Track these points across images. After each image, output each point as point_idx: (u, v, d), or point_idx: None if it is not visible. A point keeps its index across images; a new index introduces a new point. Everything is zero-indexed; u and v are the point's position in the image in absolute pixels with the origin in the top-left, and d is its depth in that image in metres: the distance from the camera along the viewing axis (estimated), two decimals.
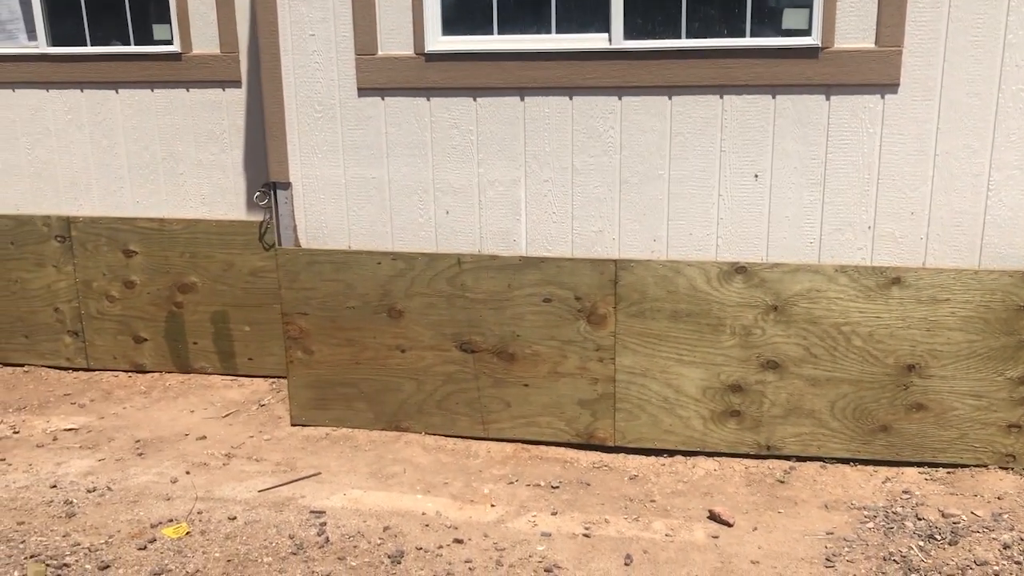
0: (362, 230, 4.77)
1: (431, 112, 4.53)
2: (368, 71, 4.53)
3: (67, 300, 5.96)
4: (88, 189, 5.76)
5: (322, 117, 4.65)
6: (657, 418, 4.63)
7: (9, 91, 5.70)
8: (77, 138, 5.69)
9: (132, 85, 5.53)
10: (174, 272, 5.77)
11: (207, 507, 4.10)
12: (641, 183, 4.41)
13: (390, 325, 4.83)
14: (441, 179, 4.61)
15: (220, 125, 5.49)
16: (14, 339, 6.11)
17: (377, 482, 4.40)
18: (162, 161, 5.63)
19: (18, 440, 4.97)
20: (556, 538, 3.87)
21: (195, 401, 5.52)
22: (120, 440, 4.92)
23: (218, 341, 5.83)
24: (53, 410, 5.41)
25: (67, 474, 4.48)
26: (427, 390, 4.87)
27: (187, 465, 4.58)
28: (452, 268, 4.68)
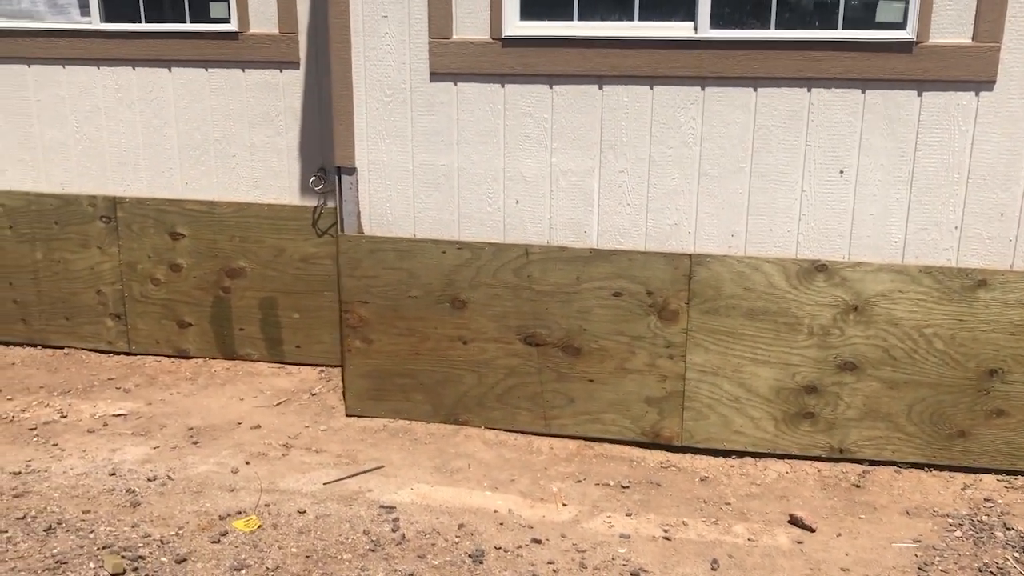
0: (428, 218, 4.65)
1: (505, 99, 4.41)
2: (442, 55, 4.40)
3: (110, 282, 5.83)
4: (136, 169, 5.63)
5: (392, 102, 4.53)
6: (727, 418, 4.52)
7: (59, 67, 5.57)
8: (127, 117, 5.56)
9: (185, 64, 5.40)
10: (222, 256, 5.65)
11: (273, 500, 4.00)
12: (721, 176, 4.29)
13: (453, 316, 4.71)
14: (512, 168, 4.49)
15: (276, 107, 5.36)
16: (55, 321, 5.99)
17: (442, 477, 4.29)
18: (214, 143, 5.50)
19: (67, 424, 4.86)
20: (636, 540, 3.77)
21: (243, 389, 5.41)
22: (172, 427, 4.81)
23: (265, 328, 5.71)
24: (98, 395, 5.30)
25: (124, 461, 4.37)
26: (488, 383, 4.76)
27: (245, 455, 4.47)
28: (519, 259, 4.57)
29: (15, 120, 5.70)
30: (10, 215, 5.85)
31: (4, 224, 5.87)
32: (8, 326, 6.06)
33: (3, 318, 6.05)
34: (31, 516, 3.74)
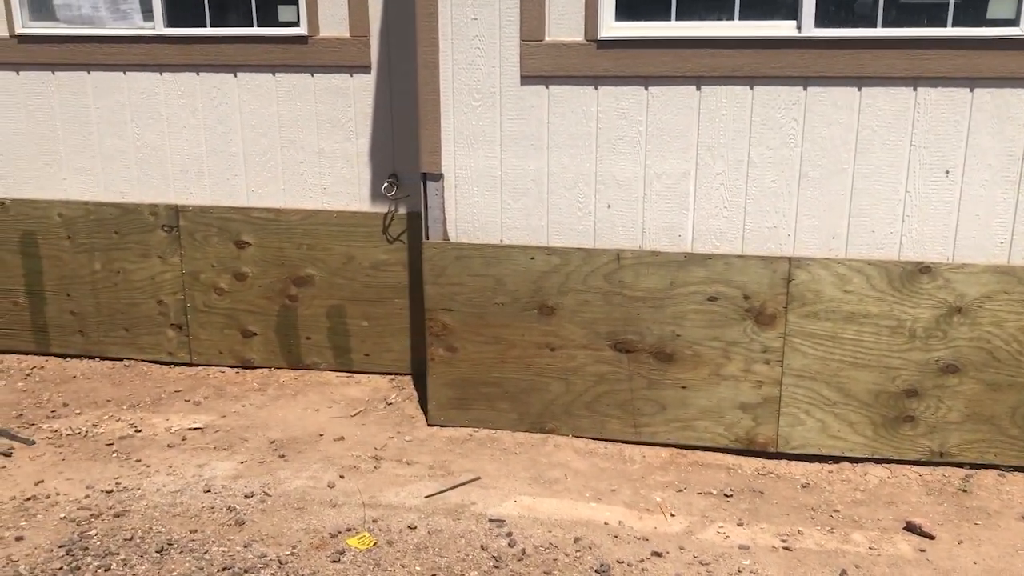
0: (516, 224, 4.56)
1: (598, 101, 4.32)
2: (533, 58, 4.31)
3: (172, 292, 5.73)
4: (199, 177, 5.53)
5: (480, 106, 4.44)
6: (824, 423, 4.45)
7: (119, 74, 5.46)
8: (190, 123, 5.45)
9: (252, 69, 5.30)
10: (289, 264, 5.54)
11: (379, 515, 3.90)
12: (822, 178, 4.22)
13: (540, 323, 4.63)
14: (605, 171, 4.41)
15: (346, 112, 5.26)
16: (113, 332, 5.88)
17: (541, 488, 4.21)
18: (281, 149, 5.40)
19: (144, 439, 4.75)
20: (755, 551, 3.69)
21: (315, 399, 5.31)
22: (254, 441, 4.71)
23: (333, 336, 5.61)
24: (169, 408, 5.19)
25: (215, 477, 4.27)
26: (576, 391, 4.68)
27: (337, 468, 4.37)
28: (611, 264, 4.48)
29: (74, 128, 5.58)
30: (68, 225, 5.73)
31: (62, 234, 5.76)
32: (65, 338, 5.95)
33: (60, 330, 5.94)
34: (139, 537, 3.64)
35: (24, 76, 5.55)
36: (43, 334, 5.97)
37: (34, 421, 5.02)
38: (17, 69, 5.55)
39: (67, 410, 5.16)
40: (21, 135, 5.65)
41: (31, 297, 5.90)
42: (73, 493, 4.10)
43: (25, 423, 4.99)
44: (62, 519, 3.82)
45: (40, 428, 4.92)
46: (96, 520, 3.80)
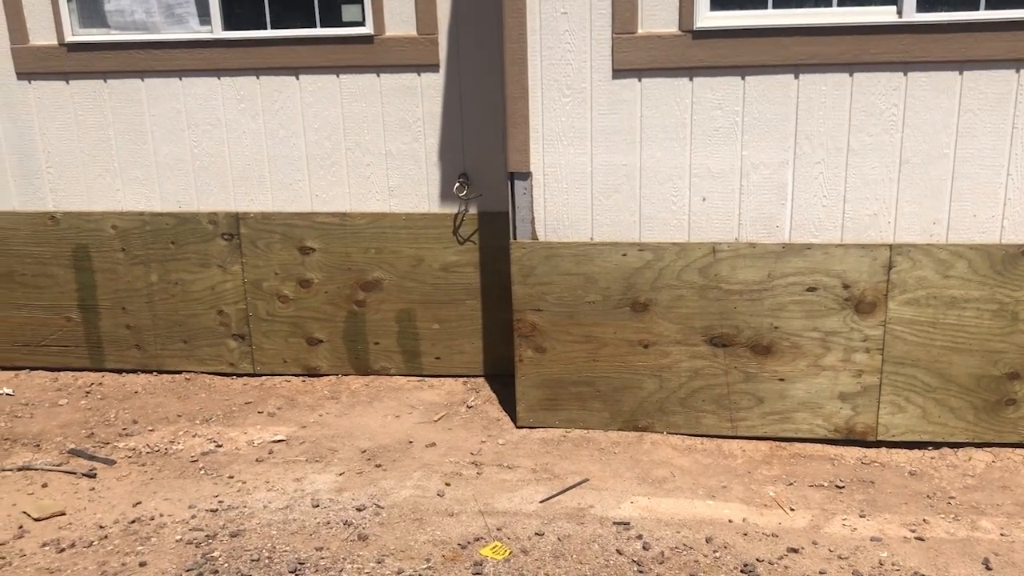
0: (606, 220, 4.49)
1: (693, 93, 4.26)
2: (626, 51, 4.24)
3: (233, 302, 5.60)
4: (260, 183, 5.40)
5: (571, 101, 4.35)
6: (925, 410, 4.43)
7: (176, 80, 5.31)
8: (250, 128, 5.32)
9: (315, 71, 5.18)
10: (356, 269, 5.43)
11: (500, 522, 3.82)
12: (923, 163, 4.18)
13: (633, 319, 4.56)
14: (699, 164, 4.35)
15: (413, 113, 5.16)
16: (171, 344, 5.74)
17: (652, 487, 4.15)
18: (346, 152, 5.28)
19: (228, 454, 4.64)
20: (889, 543, 3.66)
21: (392, 405, 5.21)
22: (344, 451, 4.61)
23: (402, 340, 5.52)
24: (243, 420, 5.07)
25: (317, 491, 4.17)
26: (670, 387, 4.62)
27: (440, 476, 4.28)
28: (706, 258, 4.43)
29: (128, 137, 5.43)
30: (123, 237, 5.58)
31: (116, 247, 5.61)
32: (121, 352, 5.80)
33: (116, 344, 5.79)
34: (266, 557, 3.53)
35: (75, 85, 5.39)
36: (98, 349, 5.82)
37: (108, 440, 4.88)
38: (67, 78, 5.38)
39: (138, 427, 5.03)
40: (72, 146, 5.49)
41: (84, 312, 5.75)
42: (177, 514, 3.99)
43: (99, 442, 4.85)
44: (178, 541, 3.71)
45: (116, 447, 4.79)
46: (214, 541, 3.69)
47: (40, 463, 4.62)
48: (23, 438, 4.93)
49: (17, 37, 5.33)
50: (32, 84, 5.42)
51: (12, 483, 4.41)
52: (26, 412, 5.27)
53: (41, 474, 4.50)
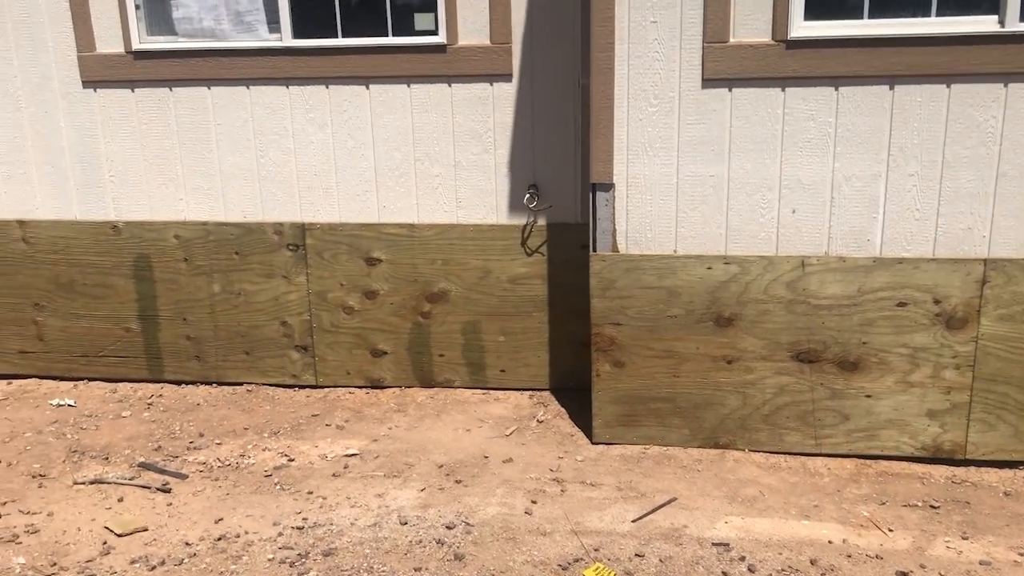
0: (691, 233, 4.41)
1: (785, 103, 4.18)
2: (717, 60, 4.16)
3: (297, 313, 5.53)
4: (327, 193, 5.33)
5: (657, 111, 4.28)
6: (1017, 428, 4.33)
7: (243, 88, 5.25)
8: (318, 139, 5.26)
9: (386, 80, 5.11)
10: (422, 281, 5.36)
11: (595, 542, 3.74)
12: (1021, 176, 4.09)
13: (716, 334, 4.48)
14: (790, 175, 4.26)
15: (484, 123, 5.09)
16: (232, 356, 5.68)
17: (743, 507, 4.06)
18: (415, 162, 5.22)
19: (302, 469, 4.56)
20: (1000, 567, 3.56)
21: (460, 419, 5.13)
22: (420, 466, 4.53)
23: (467, 353, 5.44)
24: (311, 433, 5.00)
25: (402, 508, 4.09)
26: (753, 404, 4.53)
27: (523, 493, 4.20)
28: (794, 271, 4.34)
29: (192, 146, 5.38)
30: (185, 247, 5.52)
31: (178, 256, 5.55)
32: (181, 364, 5.74)
33: (175, 356, 5.72)
34: None
35: (140, 93, 5.34)
36: (157, 360, 5.76)
37: (176, 453, 4.81)
38: (132, 86, 5.33)
39: (205, 440, 4.96)
40: (135, 155, 5.44)
41: (144, 323, 5.69)
42: (263, 531, 3.91)
43: (168, 456, 4.78)
44: (271, 560, 3.63)
45: (186, 460, 4.72)
46: (307, 560, 3.61)
47: (112, 476, 4.56)
48: (91, 450, 4.87)
49: (84, 45, 5.29)
50: (97, 92, 5.37)
51: (88, 497, 4.35)
52: (91, 424, 5.20)
53: (115, 488, 4.43)
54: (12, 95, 5.44)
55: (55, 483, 4.51)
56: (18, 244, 5.66)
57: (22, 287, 5.73)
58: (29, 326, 5.80)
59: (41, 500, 4.33)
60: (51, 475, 4.60)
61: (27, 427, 5.18)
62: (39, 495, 4.38)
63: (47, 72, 5.37)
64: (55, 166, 5.51)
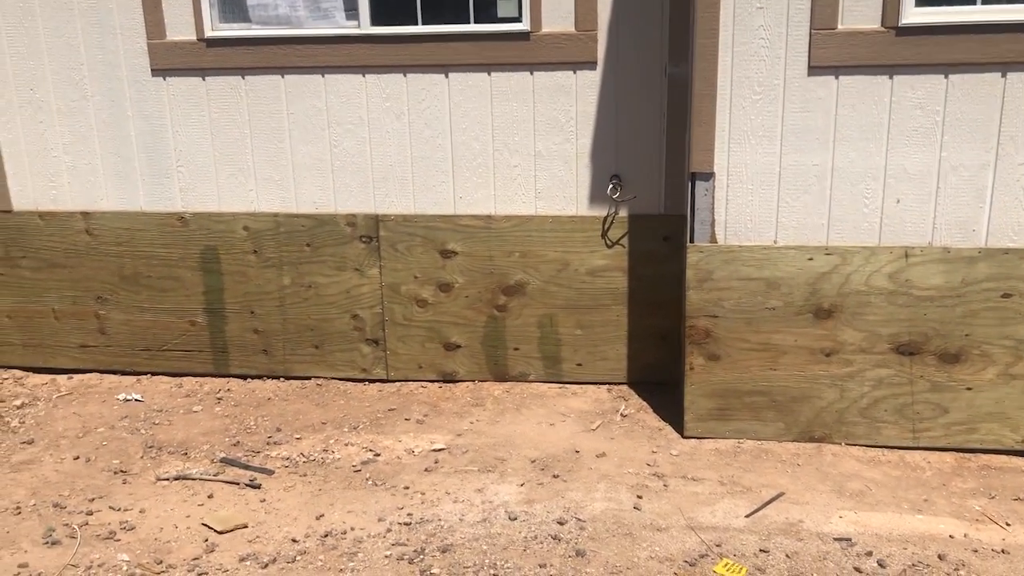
0: (792, 223, 4.34)
1: (892, 91, 4.11)
2: (824, 47, 4.09)
3: (369, 306, 5.44)
4: (402, 184, 5.24)
5: (761, 99, 4.20)
6: None
7: (318, 76, 5.15)
8: (394, 128, 5.16)
9: (465, 68, 5.02)
10: (498, 273, 5.28)
11: (715, 538, 3.66)
12: None
13: (814, 327, 4.40)
14: (895, 165, 4.19)
15: (567, 112, 5.01)
16: (300, 349, 5.58)
17: (853, 501, 3.99)
18: (493, 153, 5.13)
19: (390, 464, 4.48)
20: None
21: (541, 413, 5.05)
22: (513, 461, 4.45)
23: (543, 346, 5.36)
24: (391, 428, 4.91)
25: (505, 503, 4.01)
26: (851, 397, 4.46)
27: (625, 488, 4.13)
28: (897, 262, 4.27)
29: (264, 136, 5.28)
30: (255, 239, 5.42)
31: (247, 248, 5.45)
32: (248, 357, 5.64)
33: (242, 349, 5.63)
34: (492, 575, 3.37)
35: (211, 82, 5.23)
36: (222, 354, 5.66)
37: (256, 448, 4.72)
38: (203, 75, 5.23)
39: (283, 435, 4.87)
40: (204, 145, 5.33)
41: (211, 316, 5.59)
42: (369, 527, 3.83)
43: (248, 451, 4.69)
44: (387, 557, 3.55)
45: (269, 456, 4.63)
46: (426, 557, 3.53)
47: (196, 472, 4.47)
48: (168, 446, 4.77)
49: (154, 32, 5.18)
50: (167, 81, 5.27)
51: (176, 493, 4.26)
52: (163, 419, 5.11)
53: (202, 484, 4.34)
54: (78, 83, 5.33)
55: (138, 479, 4.42)
56: (81, 236, 5.56)
57: (85, 280, 5.63)
58: (91, 319, 5.70)
59: (129, 496, 4.24)
60: (132, 471, 4.51)
61: (98, 422, 5.08)
62: (125, 491, 4.29)
63: (114, 60, 5.26)
64: (121, 155, 5.41)
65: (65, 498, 4.22)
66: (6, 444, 4.80)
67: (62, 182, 5.51)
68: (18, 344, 5.82)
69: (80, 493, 4.27)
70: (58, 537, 3.84)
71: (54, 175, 5.50)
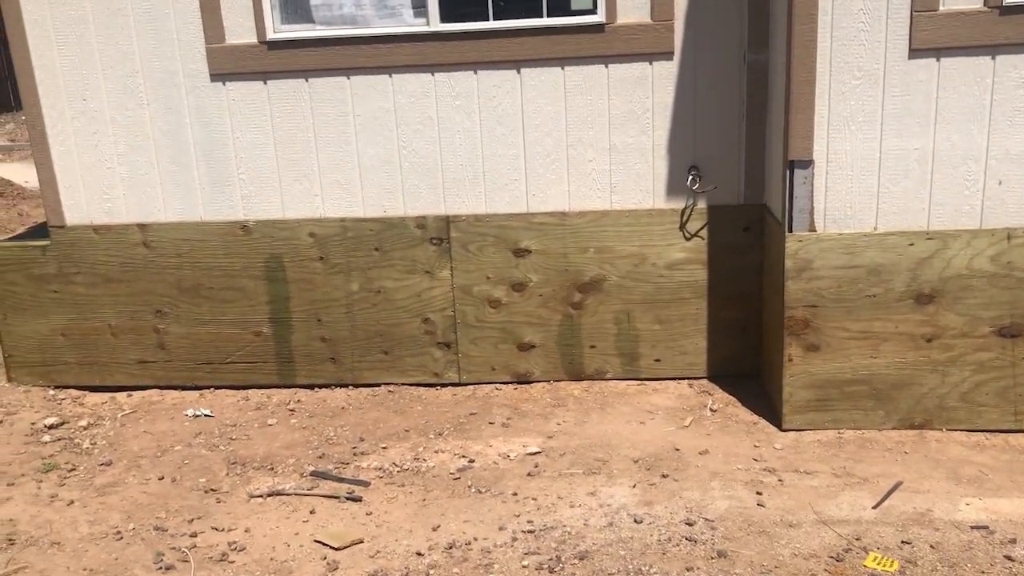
0: (893, 208, 4.28)
1: (995, 72, 4.06)
2: (926, 29, 4.03)
3: (440, 309, 5.33)
4: (474, 183, 5.14)
5: (861, 84, 4.14)
6: None
7: (384, 77, 5.03)
8: (465, 127, 5.06)
9: (538, 63, 4.92)
10: (573, 270, 5.19)
11: (851, 531, 3.60)
12: None
13: (915, 312, 4.36)
14: (997, 146, 4.15)
15: (642, 104, 4.92)
16: (369, 356, 5.46)
17: (974, 487, 3.95)
18: (566, 148, 5.03)
19: (488, 469, 4.38)
20: None
21: (626, 411, 4.97)
22: (615, 462, 4.37)
23: (620, 343, 5.28)
24: (477, 432, 4.81)
25: (624, 506, 3.93)
26: (952, 382, 4.42)
27: (740, 484, 4.06)
28: (999, 244, 4.23)
29: (330, 139, 5.15)
30: (321, 245, 5.29)
31: (314, 255, 5.32)
32: (314, 367, 5.51)
33: (308, 358, 5.50)
34: None
35: (272, 85, 5.10)
36: (288, 364, 5.53)
37: (343, 459, 4.61)
38: (264, 78, 5.09)
39: (367, 445, 4.75)
40: (266, 151, 5.19)
41: (276, 326, 5.45)
42: (492, 536, 3.73)
43: (336, 463, 4.58)
44: (525, 567, 3.45)
45: (360, 467, 4.52)
46: (565, 564, 3.44)
47: (290, 488, 4.35)
48: (251, 461, 4.65)
49: (213, 36, 5.03)
50: (227, 85, 5.12)
51: (275, 510, 4.14)
52: (239, 434, 4.97)
53: (299, 499, 4.23)
54: (133, 91, 5.17)
55: (230, 497, 4.30)
56: (138, 249, 5.40)
57: (142, 294, 5.47)
58: (149, 334, 5.54)
59: (228, 516, 4.11)
60: (222, 489, 4.38)
61: (172, 440, 4.94)
62: (223, 511, 4.16)
63: (172, 66, 5.11)
64: (179, 164, 5.26)
65: (163, 520, 4.08)
66: (85, 467, 4.65)
67: (117, 194, 5.34)
68: (73, 363, 5.65)
69: (177, 514, 4.13)
70: (170, 561, 3.71)
71: (109, 187, 5.34)
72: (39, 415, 5.30)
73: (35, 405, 5.44)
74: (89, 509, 4.22)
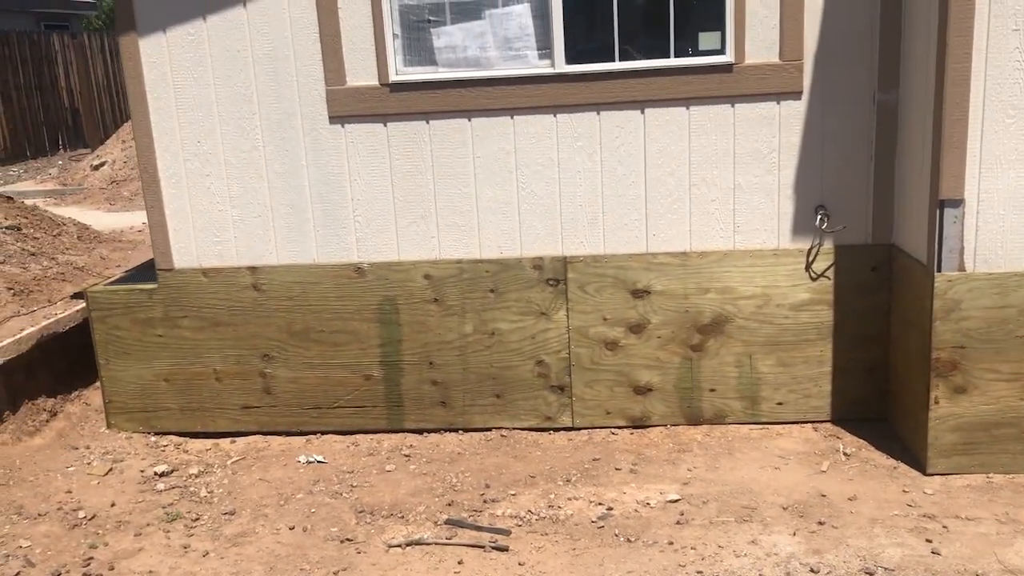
0: None
1: None
2: None
3: (555, 351, 5.24)
4: (592, 224, 5.08)
5: (1015, 122, 4.10)
6: None
7: (506, 119, 5.00)
8: (585, 167, 5.01)
9: (663, 104, 4.89)
10: (693, 311, 5.11)
11: None
12: None
13: None
14: None
15: (769, 143, 4.88)
16: (481, 399, 5.36)
17: None
18: (689, 188, 4.98)
19: (630, 517, 4.26)
20: None
21: (756, 456, 4.86)
22: (763, 509, 4.25)
23: (741, 386, 5.18)
24: (606, 479, 4.70)
25: (792, 555, 3.80)
26: None
27: (905, 531, 3.94)
28: None
29: (448, 181, 5.10)
30: (436, 287, 5.22)
31: (428, 297, 5.24)
32: (424, 411, 5.41)
33: (418, 402, 5.40)
34: None
35: (392, 127, 5.06)
36: (397, 408, 5.42)
37: (474, 507, 4.49)
38: (384, 120, 5.06)
39: (495, 492, 4.64)
40: (384, 193, 5.15)
41: (387, 369, 5.36)
42: None
43: (468, 510, 4.46)
44: None
45: (494, 515, 4.40)
46: None
47: (429, 537, 4.22)
48: (379, 509, 4.53)
49: (333, 79, 5.01)
50: (345, 128, 5.09)
51: (420, 561, 4.02)
52: (359, 480, 4.86)
53: (440, 549, 4.10)
54: (248, 134, 5.14)
55: (368, 547, 4.18)
56: (247, 292, 5.33)
57: (250, 337, 5.39)
58: (255, 379, 5.45)
59: (373, 567, 3.99)
60: (357, 539, 4.26)
61: (291, 488, 4.82)
62: (366, 561, 4.04)
63: (290, 108, 5.08)
64: (294, 207, 5.21)
65: (308, 572, 3.96)
66: (209, 515, 4.53)
67: (228, 236, 5.29)
68: (175, 408, 5.55)
69: (320, 566, 4.01)
70: None
71: (219, 230, 5.28)
72: (146, 462, 5.19)
73: (140, 452, 5.33)
74: (227, 561, 4.10)
